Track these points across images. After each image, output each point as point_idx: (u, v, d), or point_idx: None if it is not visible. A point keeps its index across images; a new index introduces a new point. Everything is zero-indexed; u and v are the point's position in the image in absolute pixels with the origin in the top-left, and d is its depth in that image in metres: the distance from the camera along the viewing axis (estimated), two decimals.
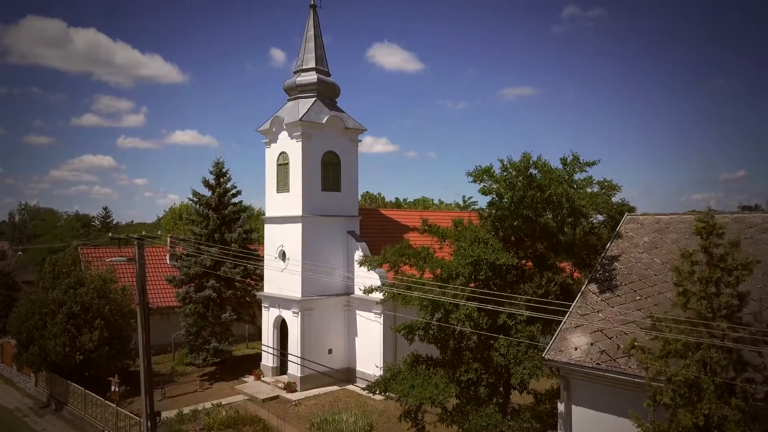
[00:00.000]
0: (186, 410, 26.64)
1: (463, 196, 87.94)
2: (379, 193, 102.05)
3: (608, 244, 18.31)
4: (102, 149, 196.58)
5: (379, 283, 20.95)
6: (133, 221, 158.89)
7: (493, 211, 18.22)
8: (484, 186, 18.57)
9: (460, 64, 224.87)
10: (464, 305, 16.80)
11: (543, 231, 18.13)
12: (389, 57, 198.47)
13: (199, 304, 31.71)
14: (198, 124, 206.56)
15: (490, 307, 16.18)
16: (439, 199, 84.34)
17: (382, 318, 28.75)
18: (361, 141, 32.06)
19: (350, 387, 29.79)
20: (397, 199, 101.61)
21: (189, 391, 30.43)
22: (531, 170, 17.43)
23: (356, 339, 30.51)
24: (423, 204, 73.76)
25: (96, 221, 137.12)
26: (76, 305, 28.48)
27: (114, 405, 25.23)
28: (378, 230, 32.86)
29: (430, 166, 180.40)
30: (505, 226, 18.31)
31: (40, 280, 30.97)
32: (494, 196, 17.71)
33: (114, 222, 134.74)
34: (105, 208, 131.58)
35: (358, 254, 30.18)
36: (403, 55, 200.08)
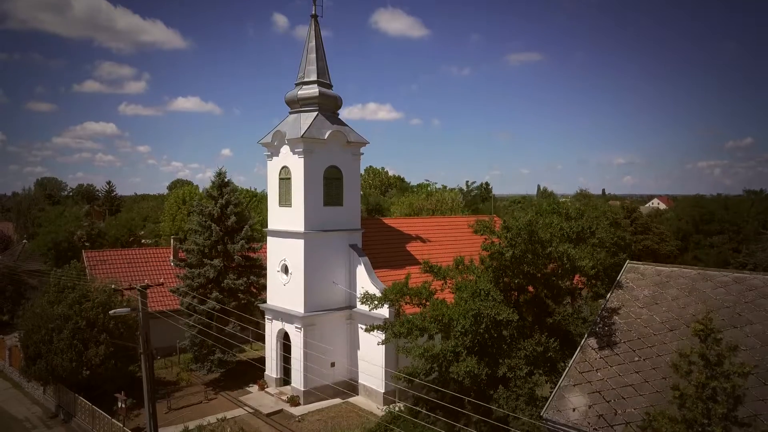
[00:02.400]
0: (191, 425, 27.16)
1: (467, 182, 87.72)
2: (383, 168, 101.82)
3: (608, 295, 18.38)
4: (104, 116, 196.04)
5: (381, 318, 21.15)
6: (136, 193, 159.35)
7: (494, 263, 18.24)
8: (484, 233, 18.62)
9: (465, 29, 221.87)
10: (464, 359, 16.99)
11: (545, 283, 18.17)
12: (393, 23, 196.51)
13: (202, 315, 32.04)
14: (200, 90, 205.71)
15: (487, 369, 16.34)
16: (443, 184, 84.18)
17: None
18: (363, 154, 31.91)
19: (353, 400, 30.30)
20: (401, 178, 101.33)
21: (194, 402, 30.92)
22: (532, 226, 17.38)
23: (359, 352, 30.88)
24: (426, 191, 73.57)
25: (99, 193, 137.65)
26: (82, 320, 28.82)
27: (120, 424, 25.78)
28: (380, 241, 32.94)
29: (435, 134, 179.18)
30: (508, 274, 18.36)
31: (45, 293, 31.24)
32: (496, 252, 17.70)
33: (118, 195, 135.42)
34: (109, 183, 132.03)
35: (360, 268, 30.40)
36: (408, 20, 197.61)
